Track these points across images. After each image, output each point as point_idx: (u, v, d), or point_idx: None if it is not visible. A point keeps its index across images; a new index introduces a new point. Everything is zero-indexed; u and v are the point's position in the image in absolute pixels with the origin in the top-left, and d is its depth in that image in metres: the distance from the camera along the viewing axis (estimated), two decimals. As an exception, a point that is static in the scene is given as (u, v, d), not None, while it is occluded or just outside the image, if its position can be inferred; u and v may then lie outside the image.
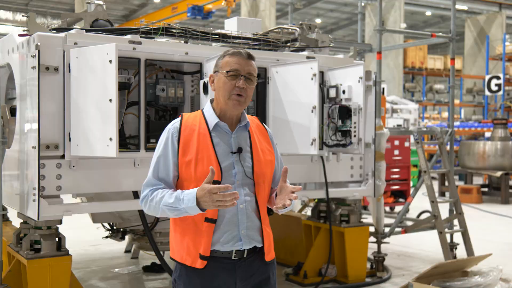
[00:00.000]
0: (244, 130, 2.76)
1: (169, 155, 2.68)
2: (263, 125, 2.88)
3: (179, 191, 2.61)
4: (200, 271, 2.67)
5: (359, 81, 5.63)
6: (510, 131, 15.90)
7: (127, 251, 7.65)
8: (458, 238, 7.69)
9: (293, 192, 2.60)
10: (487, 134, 17.62)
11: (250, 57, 2.71)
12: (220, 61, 2.73)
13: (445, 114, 31.68)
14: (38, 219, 4.40)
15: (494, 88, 20.85)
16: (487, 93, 21.58)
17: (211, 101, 2.79)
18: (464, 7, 26.13)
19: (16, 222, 5.43)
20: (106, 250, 7.84)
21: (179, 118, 2.78)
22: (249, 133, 2.76)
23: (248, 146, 2.73)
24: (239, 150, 2.69)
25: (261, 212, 2.73)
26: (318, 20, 34.01)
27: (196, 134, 2.68)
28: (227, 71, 2.67)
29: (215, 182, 2.57)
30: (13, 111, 5.06)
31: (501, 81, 20.58)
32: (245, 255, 2.70)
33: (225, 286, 2.69)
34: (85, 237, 8.47)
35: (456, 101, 27.79)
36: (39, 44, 4.36)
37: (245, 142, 2.73)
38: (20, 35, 4.75)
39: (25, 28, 4.70)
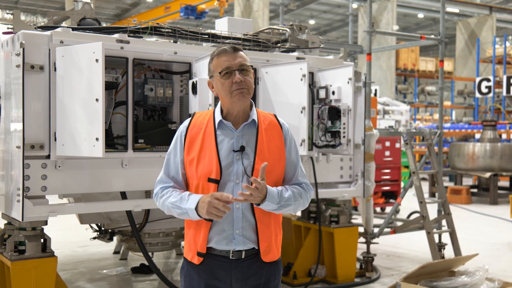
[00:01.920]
0: (252, 127, 2.72)
1: (178, 152, 2.75)
2: (278, 122, 2.81)
3: (187, 192, 2.68)
4: (198, 266, 2.71)
5: (348, 82, 5.62)
6: (499, 133, 15.99)
7: (116, 252, 7.59)
8: (446, 238, 7.71)
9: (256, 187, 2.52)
10: (478, 136, 17.68)
11: (236, 49, 2.70)
12: (211, 65, 2.74)
13: (437, 116, 31.76)
14: (22, 220, 4.33)
15: (484, 90, 20.96)
16: (477, 95, 21.67)
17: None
18: (456, 10, 26.25)
19: (1, 223, 5.36)
20: (94, 251, 7.78)
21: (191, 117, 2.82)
22: (257, 130, 2.72)
23: (253, 144, 2.69)
24: (241, 149, 2.66)
25: (256, 211, 2.67)
26: (312, 21, 34.07)
27: (203, 132, 2.70)
28: (220, 72, 2.67)
29: (214, 180, 2.63)
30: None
31: (491, 83, 20.67)
32: (243, 256, 2.69)
33: (221, 284, 2.71)
34: (73, 238, 8.42)
35: (447, 103, 27.94)
36: (23, 42, 4.30)
37: (251, 139, 2.70)
38: (4, 33, 4.69)
39: (10, 26, 4.64)
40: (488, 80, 20.86)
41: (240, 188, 2.63)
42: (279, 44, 6.10)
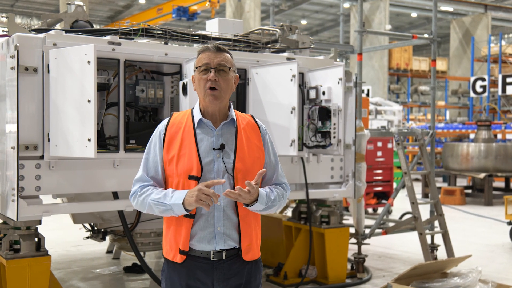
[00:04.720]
0: (231, 126, 2.77)
1: (157, 152, 2.75)
2: (256, 122, 2.86)
3: (170, 189, 2.68)
4: (180, 267, 2.72)
5: (338, 83, 5.67)
6: (494, 133, 16.00)
7: (109, 251, 7.65)
8: (439, 239, 7.72)
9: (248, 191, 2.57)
10: (472, 136, 17.71)
11: (220, 49, 2.73)
12: (195, 60, 2.78)
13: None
14: (17, 219, 4.40)
15: (479, 89, 21.00)
16: (472, 94, 21.71)
17: None
18: (450, 9, 26.29)
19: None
20: (88, 250, 7.83)
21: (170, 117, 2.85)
22: (236, 129, 2.77)
23: (233, 142, 2.73)
24: (221, 147, 2.70)
25: (240, 209, 2.71)
26: (304, 22, 34.13)
27: (182, 131, 2.73)
28: (198, 67, 2.73)
29: (195, 178, 2.65)
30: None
31: (486, 83, 20.71)
32: (223, 257, 2.70)
33: (202, 286, 2.72)
34: (67, 237, 8.47)
35: (442, 103, 28.00)
36: (18, 44, 4.37)
37: (231, 138, 2.74)
38: (-1, 36, 4.76)
39: (5, 29, 4.71)
40: (483, 79, 20.88)
41: (221, 185, 2.66)
42: (269, 45, 6.15)
